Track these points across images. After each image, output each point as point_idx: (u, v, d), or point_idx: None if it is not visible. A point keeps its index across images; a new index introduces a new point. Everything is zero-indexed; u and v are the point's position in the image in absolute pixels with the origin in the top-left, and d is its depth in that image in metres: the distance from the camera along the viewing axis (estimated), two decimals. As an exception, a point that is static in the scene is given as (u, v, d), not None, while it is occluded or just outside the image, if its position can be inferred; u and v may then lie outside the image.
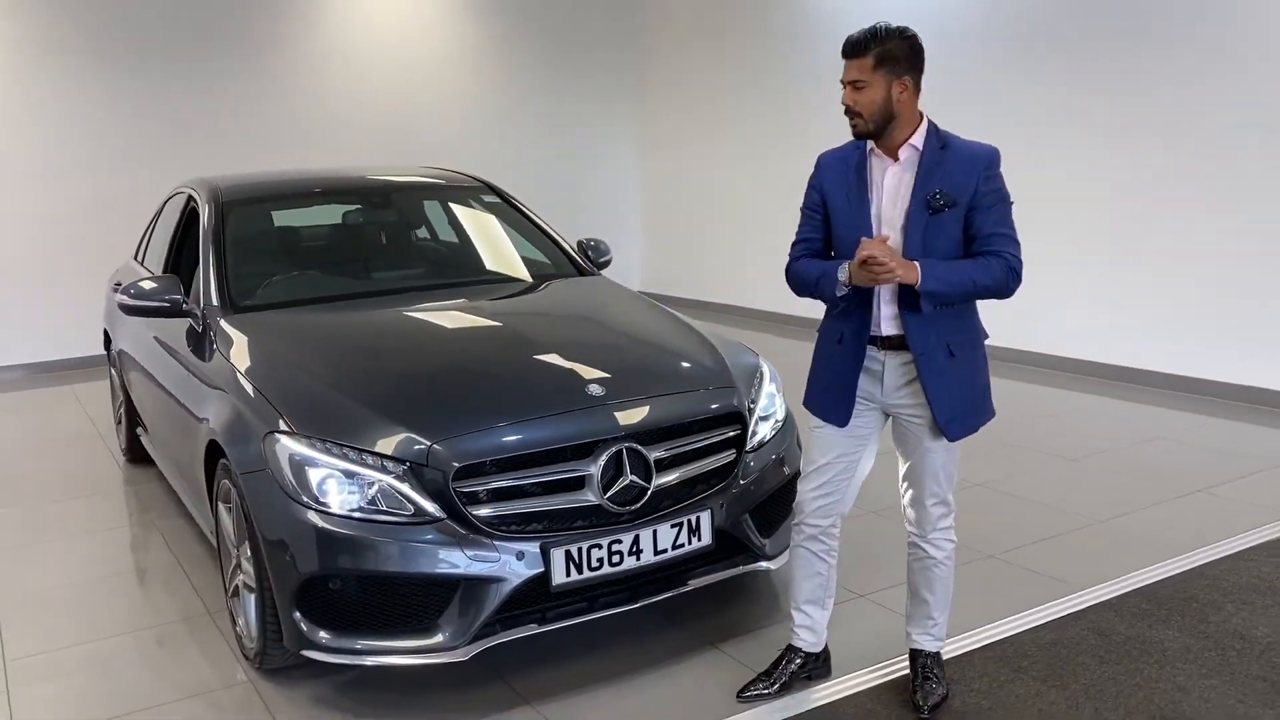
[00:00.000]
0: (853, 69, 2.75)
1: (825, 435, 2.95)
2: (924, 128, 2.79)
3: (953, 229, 2.73)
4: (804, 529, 3.04)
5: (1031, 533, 4.28)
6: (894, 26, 2.74)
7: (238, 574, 3.37)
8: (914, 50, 2.74)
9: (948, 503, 2.98)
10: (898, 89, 2.71)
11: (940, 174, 2.72)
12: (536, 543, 2.98)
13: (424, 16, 9.76)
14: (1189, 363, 6.36)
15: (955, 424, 2.83)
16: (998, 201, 2.75)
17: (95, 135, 8.45)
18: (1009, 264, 2.73)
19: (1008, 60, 7.23)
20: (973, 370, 2.86)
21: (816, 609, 3.10)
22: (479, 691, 3.16)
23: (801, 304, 9.81)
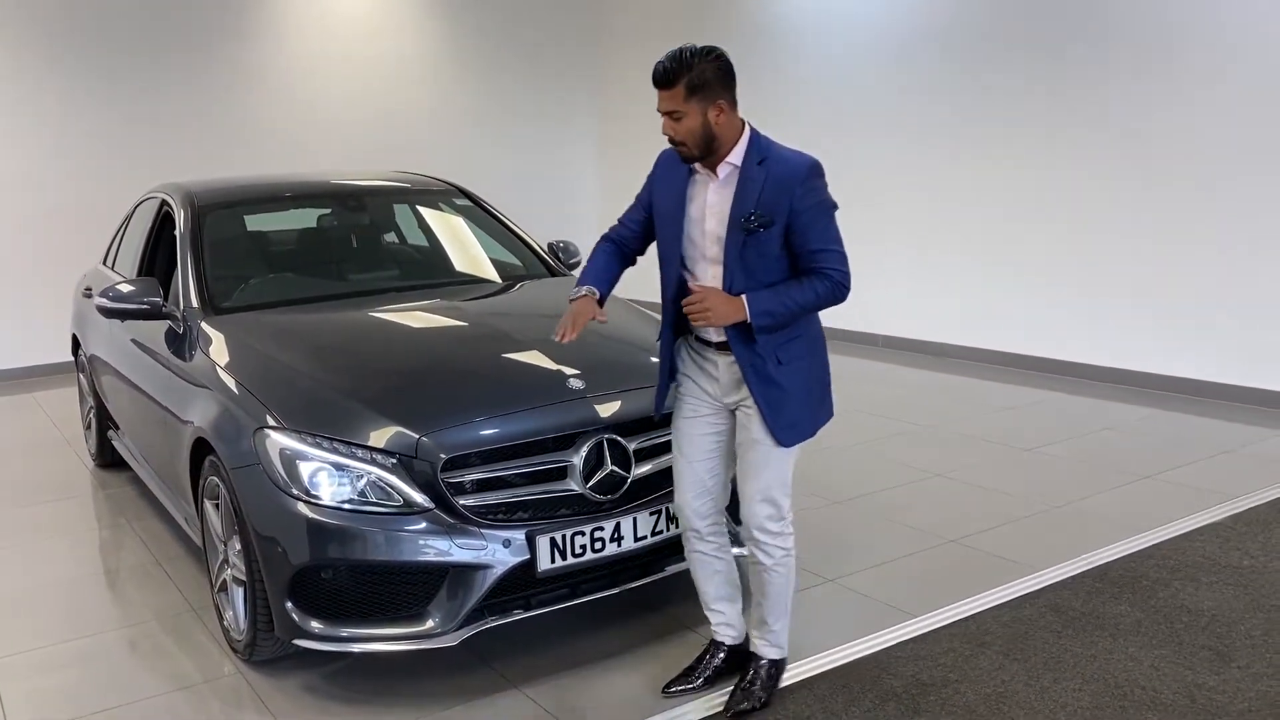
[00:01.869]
0: (666, 99, 2.73)
1: (679, 437, 3.01)
2: (744, 143, 2.77)
3: (770, 247, 2.73)
4: (687, 535, 3.06)
5: (990, 519, 4.47)
6: (700, 49, 2.71)
7: (225, 568, 3.44)
8: (723, 70, 2.71)
9: (777, 504, 2.95)
10: (713, 113, 2.70)
11: (756, 192, 2.72)
12: (522, 531, 3.09)
13: (385, 21, 9.80)
14: (1133, 358, 6.62)
15: (788, 431, 2.86)
16: (818, 216, 2.73)
17: (54, 142, 8.40)
18: (834, 280, 2.74)
19: (961, 62, 7.46)
20: (805, 376, 2.88)
21: (727, 604, 3.14)
22: (466, 677, 3.26)
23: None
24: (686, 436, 3.00)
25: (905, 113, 7.90)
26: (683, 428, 3.01)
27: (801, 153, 2.81)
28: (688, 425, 3.00)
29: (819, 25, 8.50)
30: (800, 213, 2.71)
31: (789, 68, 8.83)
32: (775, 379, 2.82)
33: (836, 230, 2.79)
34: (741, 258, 2.75)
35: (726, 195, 2.78)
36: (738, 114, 2.78)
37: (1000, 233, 7.36)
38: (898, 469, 5.19)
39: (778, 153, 2.78)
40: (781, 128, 8.96)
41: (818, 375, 2.96)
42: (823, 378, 2.99)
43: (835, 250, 2.76)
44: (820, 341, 2.98)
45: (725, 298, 2.74)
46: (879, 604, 3.69)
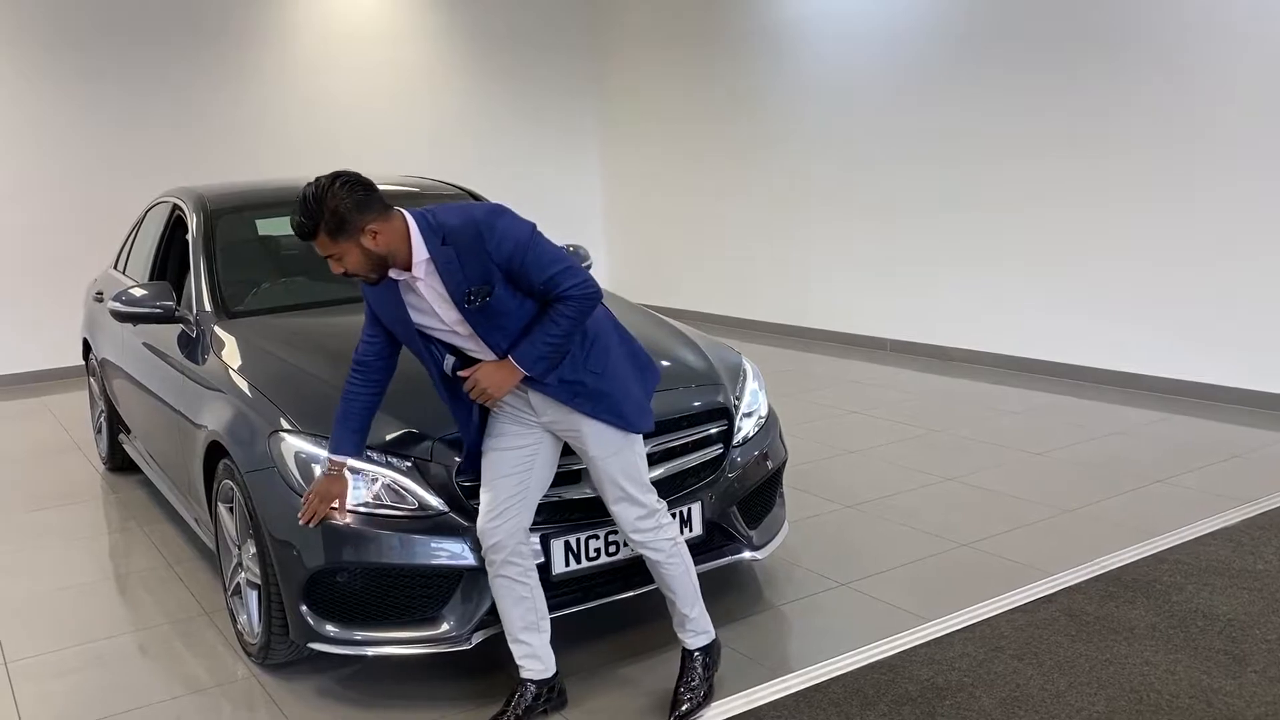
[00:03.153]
0: (319, 247, 2.63)
1: (488, 458, 2.91)
2: (416, 234, 2.64)
3: (507, 303, 2.69)
4: (492, 559, 2.89)
5: (1002, 523, 4.46)
6: (323, 185, 2.58)
7: (239, 572, 3.44)
8: (360, 199, 2.58)
9: (638, 502, 2.91)
10: (367, 240, 2.59)
11: (459, 271, 2.63)
12: (536, 534, 3.09)
13: (389, 27, 9.83)
14: (1144, 362, 6.60)
15: (637, 416, 2.88)
16: (521, 257, 2.64)
17: (61, 147, 8.43)
18: (575, 296, 2.67)
19: (962, 65, 7.46)
20: (620, 364, 2.88)
21: (533, 634, 2.98)
22: (480, 681, 3.26)
23: (763, 308, 10.01)
24: (492, 455, 2.90)
25: (911, 116, 7.89)
26: (488, 446, 2.91)
27: (468, 208, 2.69)
28: (493, 443, 2.91)
29: (825, 28, 8.51)
30: (504, 263, 2.64)
31: (795, 71, 8.84)
32: (600, 388, 2.81)
33: (548, 249, 2.69)
34: (491, 325, 2.71)
35: (437, 283, 2.67)
36: (392, 216, 2.64)
37: (1009, 237, 7.35)
38: (909, 473, 5.19)
39: (451, 224, 2.65)
40: (788, 133, 8.99)
41: (628, 353, 2.95)
42: (631, 350, 2.97)
43: (559, 269, 2.67)
44: (608, 324, 2.92)
45: (495, 366, 2.72)
46: (892, 608, 3.68)
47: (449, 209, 2.71)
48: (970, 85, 7.45)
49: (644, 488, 2.94)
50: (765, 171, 9.35)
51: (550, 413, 2.86)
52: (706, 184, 10.05)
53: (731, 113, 9.61)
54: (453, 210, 2.70)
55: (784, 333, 9.27)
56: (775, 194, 9.26)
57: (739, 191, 9.67)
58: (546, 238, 2.73)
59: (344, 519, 2.93)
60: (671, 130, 10.39)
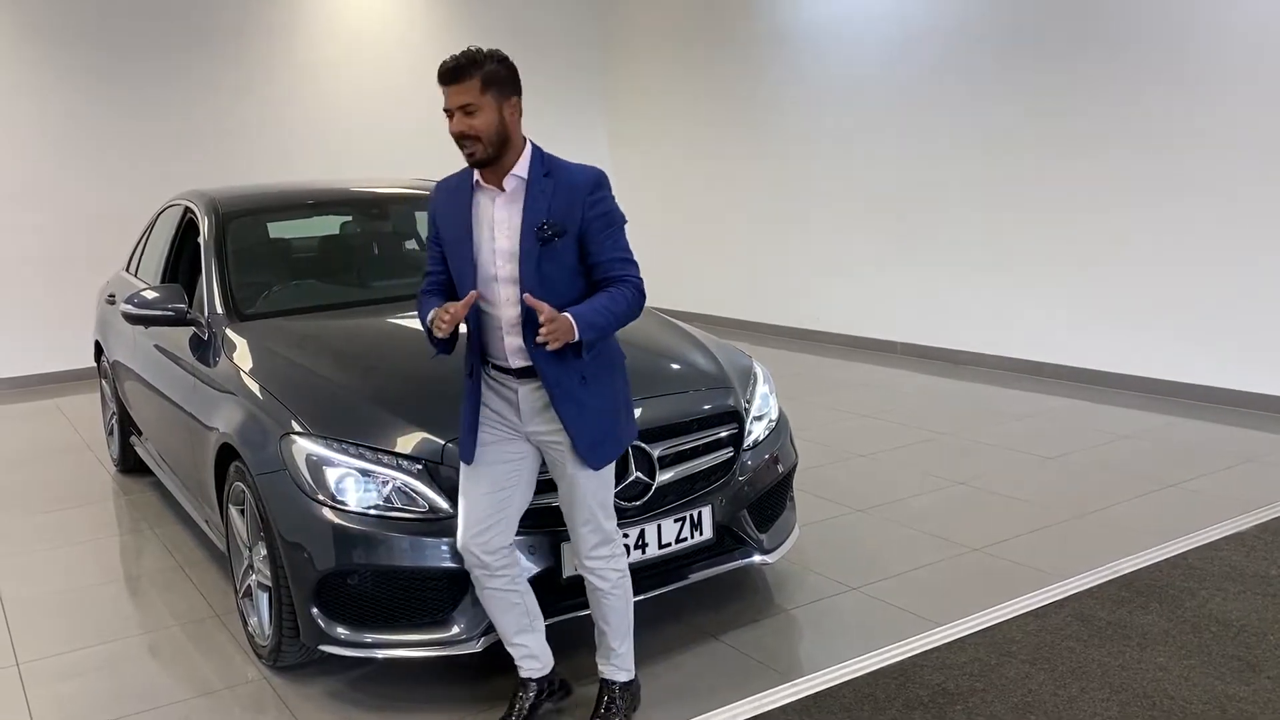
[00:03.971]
0: (459, 94, 2.60)
1: (471, 471, 2.83)
2: (528, 154, 2.70)
3: (567, 257, 2.66)
4: (477, 575, 2.85)
5: (1012, 527, 4.44)
6: (490, 50, 2.65)
7: (250, 574, 3.45)
8: (514, 73, 2.68)
9: (602, 530, 2.85)
10: (508, 110, 2.64)
11: (547, 202, 2.64)
12: (546, 537, 3.10)
13: (394, 28, 9.86)
14: (1154, 365, 6.57)
15: (596, 451, 2.75)
16: (608, 225, 2.68)
17: (72, 150, 8.46)
18: (637, 287, 2.73)
19: (972, 68, 7.45)
20: (610, 395, 2.79)
21: (528, 635, 2.96)
22: (490, 684, 3.26)
23: (771, 311, 9.96)
24: (477, 469, 2.82)
25: (921, 119, 7.88)
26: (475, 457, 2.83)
27: (586, 165, 2.76)
28: (479, 454, 2.82)
29: (834, 30, 8.50)
30: (592, 220, 2.67)
31: (804, 73, 8.83)
32: (580, 398, 2.72)
33: (627, 242, 2.77)
34: (539, 271, 2.64)
35: (515, 209, 2.67)
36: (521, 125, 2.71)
37: (1019, 239, 7.33)
38: (919, 477, 5.17)
39: (563, 164, 2.74)
40: (796, 135, 8.96)
41: (622, 392, 2.87)
42: (625, 397, 2.89)
43: (630, 259, 2.75)
44: (620, 360, 2.88)
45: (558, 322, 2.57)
46: (903, 612, 3.67)
47: (564, 160, 2.78)
48: (981, 88, 7.44)
49: (610, 515, 2.88)
50: (774, 174, 9.34)
51: (535, 423, 2.79)
52: (715, 186, 10.04)
53: (740, 115, 9.61)
54: (567, 161, 2.78)
55: (792, 336, 9.26)
56: (784, 196, 9.26)
57: (747, 194, 9.66)
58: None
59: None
60: (679, 132, 10.39)
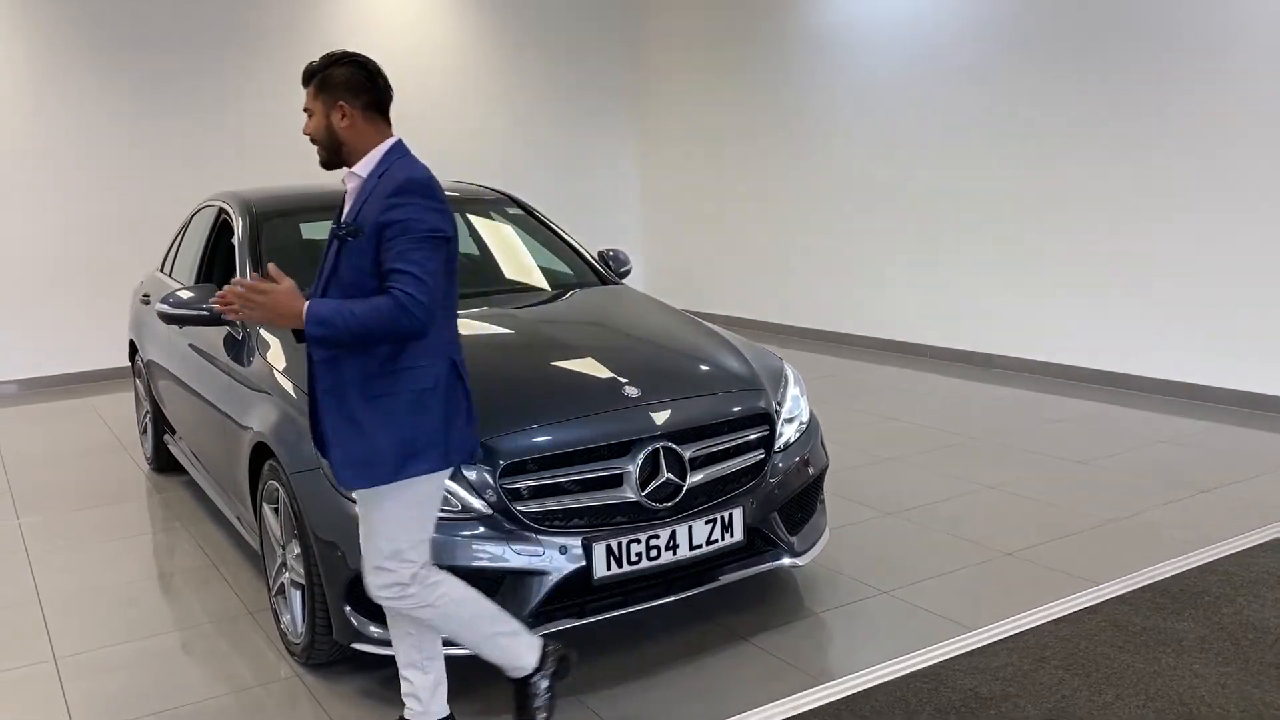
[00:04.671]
0: (306, 97, 2.69)
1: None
2: (376, 155, 2.64)
3: (359, 259, 2.54)
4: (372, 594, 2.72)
5: (1045, 532, 4.41)
6: (343, 53, 2.69)
7: (283, 572, 3.48)
8: (355, 77, 2.64)
9: (381, 568, 2.63)
10: (337, 115, 2.62)
11: (360, 202, 2.59)
12: (579, 537, 3.10)
13: (428, 33, 9.92)
14: (1188, 369, 6.51)
15: (347, 469, 2.57)
16: (401, 234, 2.49)
17: (107, 152, 8.56)
18: (398, 301, 2.44)
19: (1008, 69, 7.40)
20: (386, 420, 2.55)
21: (415, 672, 2.85)
22: (521, 683, 3.27)
23: (801, 314, 9.93)
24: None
25: (953, 122, 7.84)
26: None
27: (415, 169, 2.61)
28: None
29: (867, 32, 8.47)
30: (385, 225, 2.50)
31: (836, 75, 8.80)
32: (353, 415, 2.56)
33: (423, 257, 2.48)
34: (335, 268, 2.59)
35: (346, 206, 2.69)
36: (377, 126, 2.67)
37: (1052, 243, 7.27)
38: (950, 481, 5.14)
39: (400, 166, 2.60)
40: (827, 138, 8.94)
41: (403, 426, 2.56)
42: (409, 432, 2.57)
43: (412, 274, 2.46)
44: (417, 390, 2.58)
45: (291, 298, 2.46)
46: (934, 616, 3.65)
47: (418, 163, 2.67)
48: (1015, 90, 7.39)
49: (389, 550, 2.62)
50: (804, 177, 9.32)
51: None
52: (745, 189, 10.03)
53: (769, 117, 9.59)
54: (418, 164, 2.66)
55: (822, 338, 9.23)
56: (814, 199, 9.23)
57: (778, 197, 9.65)
58: (439, 254, 2.54)
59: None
60: (710, 135, 10.38)
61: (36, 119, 8.31)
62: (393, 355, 2.56)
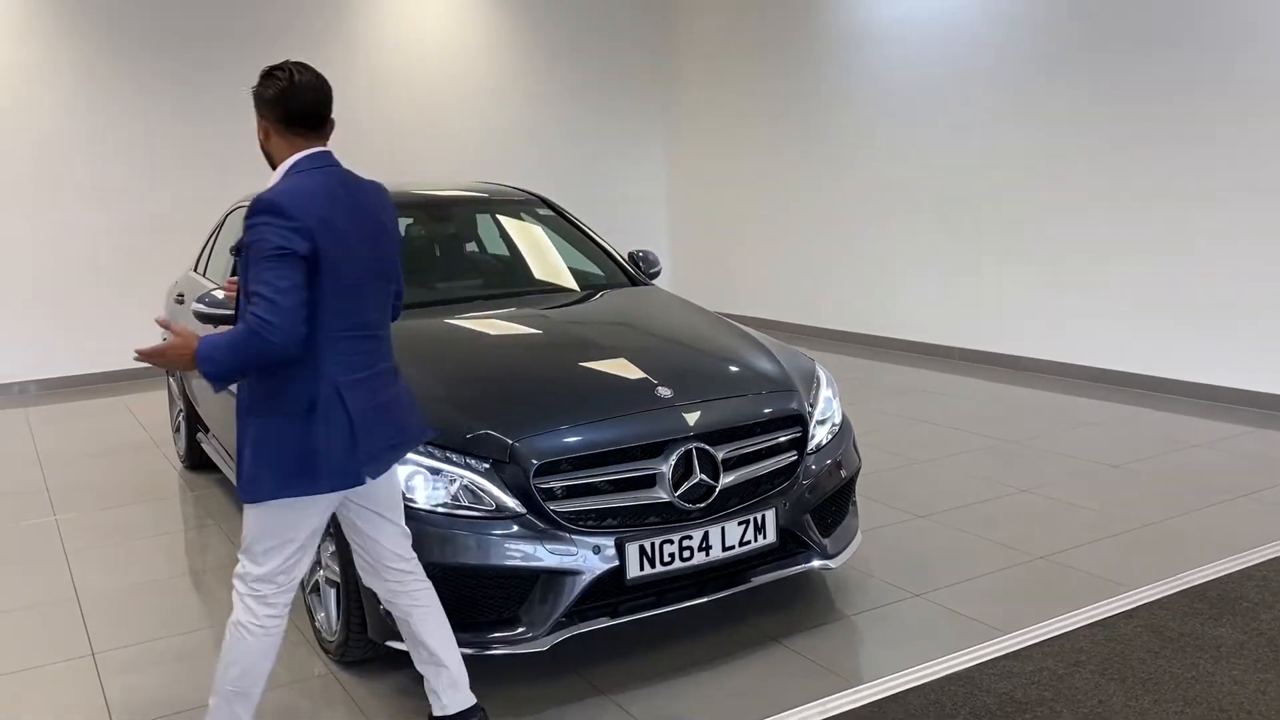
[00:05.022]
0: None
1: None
2: (282, 169, 2.62)
3: (244, 278, 2.54)
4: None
5: (1079, 535, 4.37)
6: (268, 68, 2.67)
7: (318, 570, 3.50)
8: (266, 92, 2.61)
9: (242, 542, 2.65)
10: (260, 131, 2.67)
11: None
12: (612, 537, 3.11)
13: (459, 38, 9.96)
14: (1222, 373, 6.43)
15: (239, 485, 2.60)
16: (253, 256, 2.46)
17: (141, 153, 8.66)
18: (249, 324, 2.39)
19: (1042, 68, 7.35)
20: (263, 440, 2.55)
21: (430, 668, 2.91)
22: (554, 682, 3.28)
23: (829, 316, 9.87)
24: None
25: (986, 123, 7.79)
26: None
27: (275, 188, 2.55)
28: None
29: (898, 33, 8.43)
30: (245, 248, 2.50)
31: (866, 77, 8.77)
32: (245, 433, 2.58)
33: (273, 276, 2.41)
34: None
35: None
36: (290, 140, 2.63)
37: (1087, 244, 7.22)
38: (981, 484, 5.11)
39: (288, 184, 2.56)
40: (856, 140, 8.89)
41: (269, 447, 2.54)
42: (275, 454, 2.54)
43: (261, 294, 2.40)
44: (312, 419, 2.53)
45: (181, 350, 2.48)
46: (968, 620, 3.63)
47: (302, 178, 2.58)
48: (1042, 91, 7.33)
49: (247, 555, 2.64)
50: (832, 178, 9.29)
51: None
52: (772, 190, 10.01)
53: (797, 118, 9.57)
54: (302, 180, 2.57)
55: (850, 340, 9.20)
56: (844, 201, 9.20)
57: (806, 198, 9.62)
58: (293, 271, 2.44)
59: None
60: (737, 137, 10.37)
61: (75, 120, 8.41)
62: (271, 376, 2.52)
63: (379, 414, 2.63)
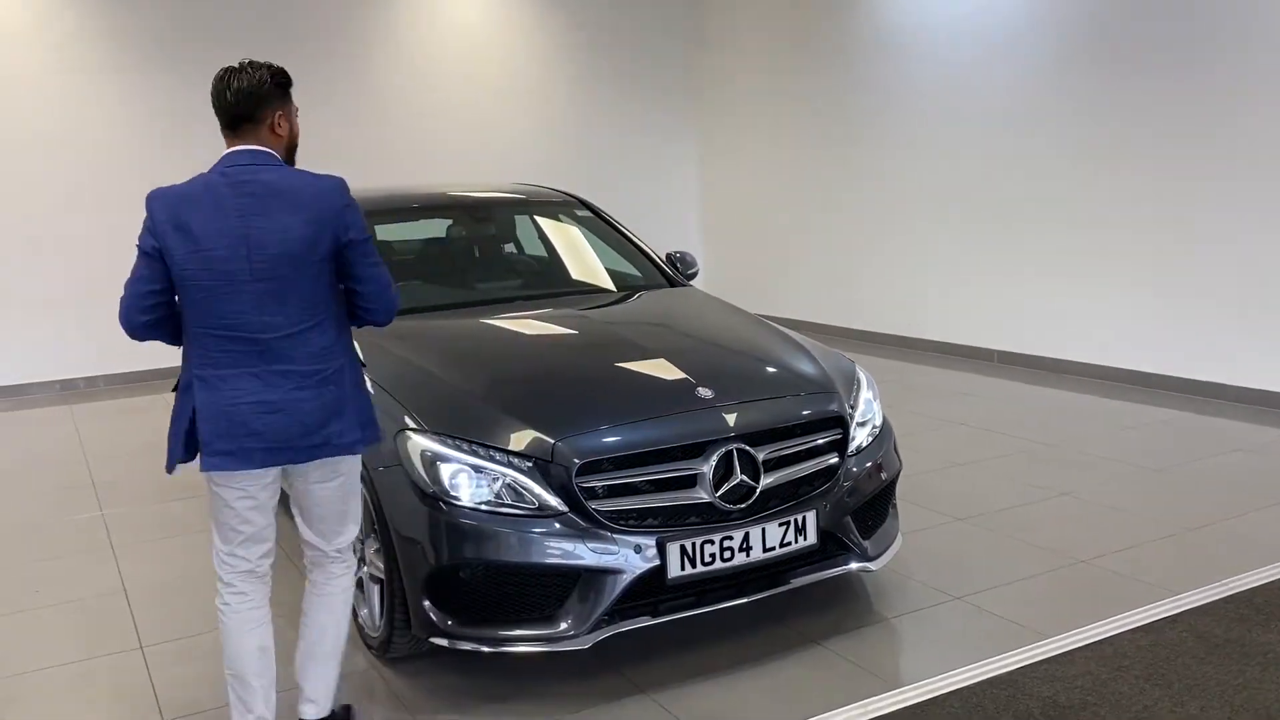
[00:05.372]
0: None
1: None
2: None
3: None
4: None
5: (1121, 539, 4.34)
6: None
7: (362, 566, 3.54)
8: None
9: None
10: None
11: None
12: (653, 537, 3.12)
13: (494, 37, 10.03)
14: (1266, 377, 6.34)
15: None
16: None
17: (203, 155, 8.78)
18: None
19: (1084, 71, 7.28)
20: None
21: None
22: (595, 681, 3.30)
23: (865, 317, 9.79)
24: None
25: (1024, 123, 7.73)
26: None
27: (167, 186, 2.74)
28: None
29: (937, 32, 8.38)
30: None
31: (904, 76, 8.73)
32: None
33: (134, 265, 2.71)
34: None
35: None
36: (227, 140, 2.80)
37: (1127, 246, 7.14)
38: (1022, 487, 5.08)
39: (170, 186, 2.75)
40: (893, 140, 8.85)
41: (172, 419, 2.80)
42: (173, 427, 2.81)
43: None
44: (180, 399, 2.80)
45: None
46: (1009, 623, 3.61)
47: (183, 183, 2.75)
48: (1083, 94, 7.26)
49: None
50: (869, 179, 9.25)
51: None
52: (808, 191, 9.98)
53: (833, 119, 9.54)
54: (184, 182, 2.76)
55: (886, 342, 9.16)
56: (880, 202, 9.16)
57: (842, 199, 9.59)
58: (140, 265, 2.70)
59: None
60: (771, 136, 10.35)
61: (124, 117, 8.56)
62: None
63: (232, 412, 2.68)
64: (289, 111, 2.84)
